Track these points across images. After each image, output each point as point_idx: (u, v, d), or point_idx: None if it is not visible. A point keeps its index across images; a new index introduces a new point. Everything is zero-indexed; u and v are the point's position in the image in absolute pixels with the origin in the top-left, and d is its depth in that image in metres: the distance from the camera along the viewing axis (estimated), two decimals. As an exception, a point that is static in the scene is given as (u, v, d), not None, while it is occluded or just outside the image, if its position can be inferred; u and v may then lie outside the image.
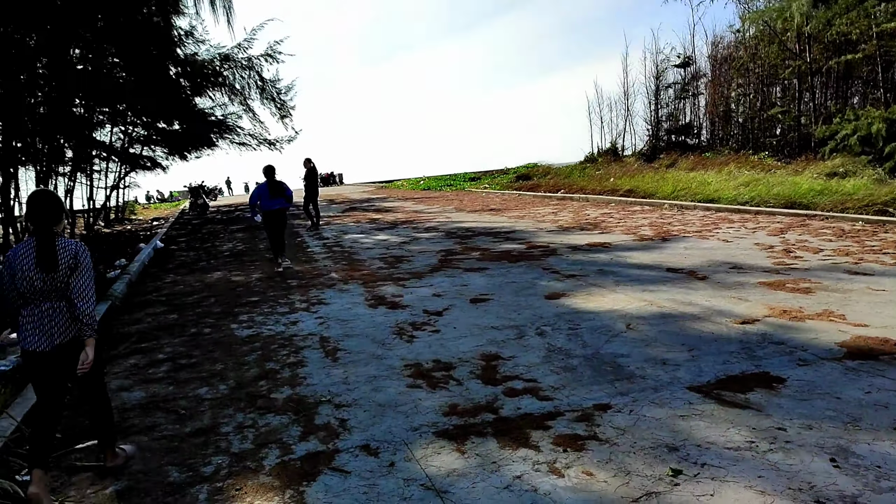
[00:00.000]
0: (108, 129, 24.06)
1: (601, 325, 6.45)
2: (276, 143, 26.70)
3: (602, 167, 27.19)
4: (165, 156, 26.94)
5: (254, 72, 23.64)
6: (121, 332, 7.90)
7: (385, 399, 4.94)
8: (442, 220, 18.16)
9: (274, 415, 4.82)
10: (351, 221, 19.95)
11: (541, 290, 8.21)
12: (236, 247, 15.72)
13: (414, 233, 15.39)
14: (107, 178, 26.31)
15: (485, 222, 16.55)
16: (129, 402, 5.41)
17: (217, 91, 23.69)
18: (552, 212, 18.15)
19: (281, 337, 7.02)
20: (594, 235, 12.59)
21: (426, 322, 7.10)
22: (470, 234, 14.32)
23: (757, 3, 23.67)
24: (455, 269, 10.10)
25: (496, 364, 5.53)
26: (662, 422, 4.17)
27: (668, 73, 29.65)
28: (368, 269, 10.80)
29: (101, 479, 4.05)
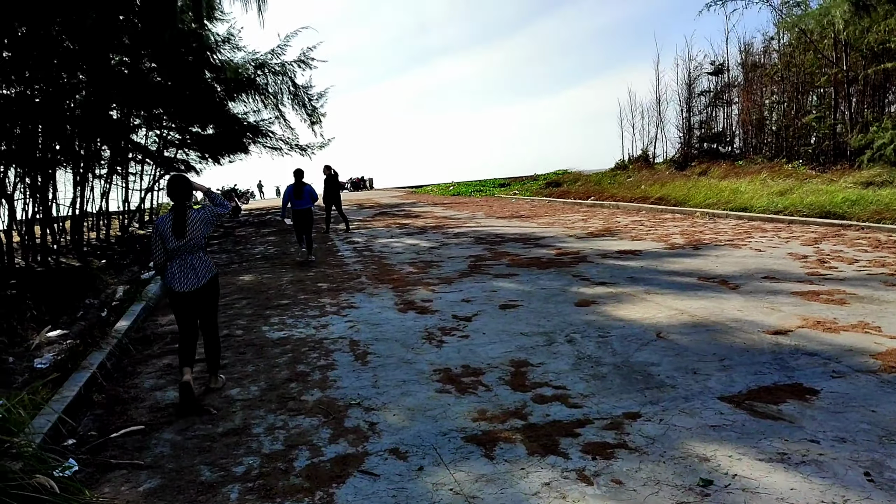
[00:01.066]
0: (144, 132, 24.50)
1: (631, 334, 6.41)
2: (308, 148, 26.96)
3: (633, 174, 27.02)
4: (199, 159, 27.35)
5: (287, 77, 23.88)
6: (155, 332, 8.03)
7: (414, 403, 4.97)
8: (471, 225, 18.18)
9: (304, 417, 4.87)
10: (381, 226, 20.05)
11: (570, 296, 8.19)
12: (268, 250, 15.88)
13: (443, 238, 15.43)
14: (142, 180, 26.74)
15: (514, 228, 16.54)
16: (162, 401, 5.50)
17: (250, 96, 23.97)
18: (582, 219, 18.08)
19: (311, 340, 7.08)
20: (625, 243, 12.52)
21: (455, 327, 7.12)
22: (499, 239, 14.32)
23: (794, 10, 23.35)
24: (484, 274, 10.11)
25: (525, 370, 5.53)
26: (693, 431, 4.14)
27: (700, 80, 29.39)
28: (398, 273, 10.86)
29: (136, 476, 4.12)
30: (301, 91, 24.34)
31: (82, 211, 19.03)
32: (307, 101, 24.63)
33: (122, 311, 8.85)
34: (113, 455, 4.44)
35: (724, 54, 30.09)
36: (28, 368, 6.99)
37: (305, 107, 24.68)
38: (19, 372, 6.93)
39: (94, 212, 21.87)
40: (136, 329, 8.16)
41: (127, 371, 6.47)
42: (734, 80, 28.70)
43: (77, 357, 6.44)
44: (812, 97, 25.03)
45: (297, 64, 23.72)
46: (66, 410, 5.10)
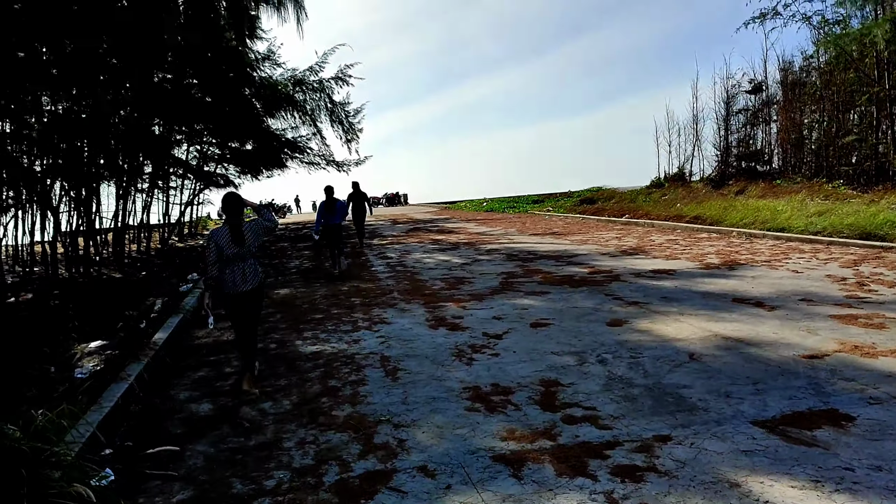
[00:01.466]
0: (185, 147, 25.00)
1: (664, 355, 6.37)
2: (344, 164, 27.26)
3: (668, 192, 26.81)
4: (238, 174, 27.79)
5: (324, 94, 24.24)
6: (191, 345, 8.18)
7: (443, 421, 4.99)
8: (504, 242, 18.20)
9: (334, 432, 4.92)
10: (414, 241, 20.16)
11: (603, 316, 8.16)
12: (303, 264, 16.07)
13: (476, 254, 15.47)
14: (181, 194, 27.27)
15: (547, 245, 16.51)
16: (197, 413, 5.61)
17: (289, 113, 24.35)
18: (616, 237, 17.99)
19: (343, 355, 7.15)
20: (659, 262, 12.42)
21: (485, 345, 7.13)
22: (532, 257, 14.31)
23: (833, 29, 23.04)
24: (516, 292, 10.11)
25: (555, 390, 5.53)
26: (724, 456, 4.10)
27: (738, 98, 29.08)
28: (430, 289, 10.91)
29: (169, 487, 4.21)
30: (338, 108, 24.68)
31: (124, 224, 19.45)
32: (344, 117, 24.95)
33: (160, 323, 9.03)
34: (148, 466, 4.54)
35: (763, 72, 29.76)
36: (69, 378, 7.16)
37: (342, 123, 24.99)
38: (60, 381, 7.10)
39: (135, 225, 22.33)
40: (173, 341, 8.31)
41: (164, 383, 6.60)
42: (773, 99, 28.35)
43: (116, 368, 6.59)
44: (853, 116, 24.62)
45: (334, 81, 24.07)
46: (104, 420, 5.23)
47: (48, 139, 14.56)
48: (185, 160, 24.85)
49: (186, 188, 27.46)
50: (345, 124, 25.15)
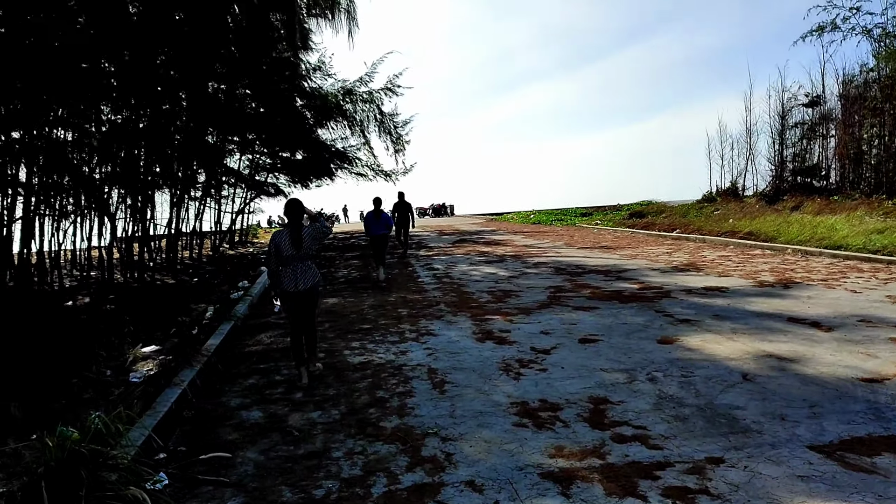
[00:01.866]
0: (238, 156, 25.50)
1: (716, 374, 6.24)
2: (392, 174, 27.48)
3: (720, 207, 26.34)
4: (288, 183, 28.20)
5: (373, 105, 24.50)
6: (242, 352, 8.31)
7: (491, 436, 4.97)
8: (552, 255, 18.09)
9: (382, 443, 4.95)
10: (460, 253, 20.18)
11: (653, 333, 8.04)
12: (351, 273, 16.21)
13: (523, 267, 15.40)
14: (233, 202, 27.78)
15: (596, 259, 16.36)
16: (247, 420, 5.69)
17: (339, 123, 24.67)
18: (666, 252, 17.73)
19: (391, 366, 7.19)
20: (711, 278, 12.20)
21: (533, 360, 7.09)
22: (580, 271, 14.19)
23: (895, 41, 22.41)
24: (564, 306, 10.03)
25: (604, 408, 5.46)
26: (779, 481, 4.00)
27: (794, 112, 28.48)
28: (477, 301, 10.90)
29: (221, 493, 4.27)
30: (387, 119, 24.92)
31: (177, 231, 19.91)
32: (392, 128, 25.18)
33: (211, 329, 9.20)
34: (200, 471, 4.62)
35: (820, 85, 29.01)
36: (123, 382, 7.34)
37: (391, 134, 25.22)
38: (115, 385, 7.28)
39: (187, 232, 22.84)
40: (224, 348, 8.46)
41: (215, 389, 6.72)
42: (830, 112, 27.69)
43: (169, 373, 6.73)
44: (915, 131, 23.88)
45: (383, 92, 24.32)
46: (158, 425, 5.35)
47: (107, 148, 15.00)
48: (238, 169, 25.35)
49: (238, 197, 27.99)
50: (393, 135, 25.38)
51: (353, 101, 23.94)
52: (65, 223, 15.62)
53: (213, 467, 4.67)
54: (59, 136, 14.13)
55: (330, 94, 23.19)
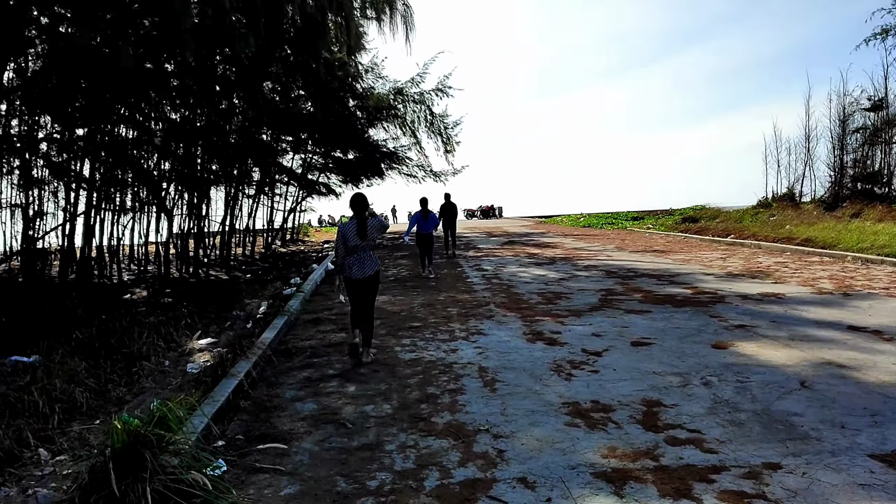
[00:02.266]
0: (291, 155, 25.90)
1: (773, 381, 6.12)
2: (441, 174, 27.61)
3: (777, 213, 25.76)
4: (339, 183, 28.54)
5: (424, 106, 24.67)
6: (296, 346, 8.46)
7: (542, 434, 4.97)
8: (602, 258, 17.93)
9: (434, 438, 4.98)
10: (509, 255, 20.14)
11: (707, 338, 7.92)
12: (400, 272, 16.33)
13: (573, 270, 15.31)
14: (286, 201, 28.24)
15: (648, 263, 16.16)
16: (302, 412, 5.79)
17: (390, 123, 24.90)
18: (720, 257, 17.42)
19: (441, 363, 7.23)
20: (766, 285, 11.95)
21: (585, 361, 7.05)
22: (632, 274, 14.04)
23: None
24: (616, 309, 9.94)
25: (657, 411, 5.41)
26: (839, 488, 3.91)
27: (855, 116, 27.63)
28: (527, 303, 10.87)
29: (277, 481, 4.36)
30: (437, 119, 25.05)
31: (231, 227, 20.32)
32: (443, 129, 25.30)
33: (266, 323, 9.37)
34: (257, 460, 4.72)
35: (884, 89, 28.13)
36: (181, 372, 7.53)
37: (441, 135, 25.34)
38: (174, 375, 7.48)
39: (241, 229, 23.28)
40: (278, 342, 8.62)
41: (270, 381, 6.85)
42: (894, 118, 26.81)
43: (226, 364, 6.89)
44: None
45: (434, 93, 24.44)
46: (217, 414, 5.48)
47: (167, 145, 15.41)
48: (290, 168, 25.75)
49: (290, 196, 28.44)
50: (443, 135, 25.51)
51: (404, 102, 24.14)
52: (124, 218, 16.08)
53: (269, 456, 4.78)
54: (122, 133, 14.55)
55: (381, 94, 23.42)
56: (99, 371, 7.27)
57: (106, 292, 13.18)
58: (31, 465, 5.00)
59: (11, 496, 4.35)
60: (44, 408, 5.87)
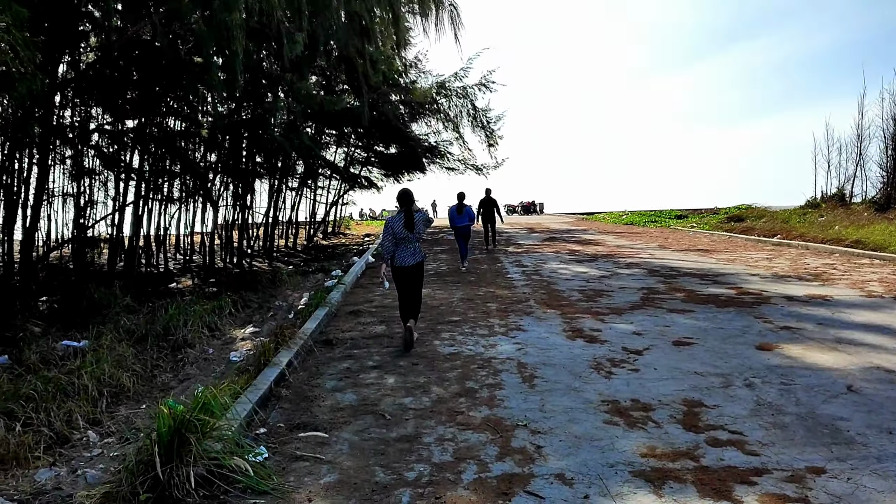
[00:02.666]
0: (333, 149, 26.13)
1: (818, 384, 6.00)
2: (483, 168, 27.56)
3: (826, 213, 25.16)
4: (381, 177, 28.69)
5: (467, 100, 24.64)
6: (337, 337, 8.55)
7: (581, 431, 4.95)
8: (644, 256, 17.74)
9: (472, 432, 5.00)
10: (550, 251, 20.05)
11: (751, 339, 7.79)
12: (440, 267, 16.36)
13: (615, 268, 15.17)
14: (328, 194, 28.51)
15: (691, 263, 15.94)
16: (341, 402, 5.86)
17: (432, 118, 24.94)
18: (766, 257, 17.10)
19: (480, 358, 7.24)
20: (814, 287, 11.69)
21: (625, 360, 7.00)
22: (674, 273, 13.86)
23: None
24: (657, 308, 9.83)
25: (698, 411, 5.34)
26: (885, 495, 3.82)
27: (911, 115, 26.79)
28: (567, 300, 10.82)
29: (317, 469, 4.43)
30: (480, 114, 24.99)
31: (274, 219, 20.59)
32: (486, 123, 25.24)
33: (307, 314, 9.49)
34: (298, 448, 4.80)
35: (941, 88, 27.34)
36: (225, 360, 7.69)
37: (484, 129, 25.29)
38: (217, 362, 7.64)
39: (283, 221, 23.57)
40: (319, 332, 8.73)
41: (311, 371, 6.95)
42: (951, 117, 25.94)
43: (268, 354, 7.00)
44: None
45: (477, 87, 24.40)
46: (259, 401, 5.58)
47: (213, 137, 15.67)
48: (333, 162, 25.97)
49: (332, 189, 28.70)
50: (486, 130, 25.45)
51: (448, 96, 24.14)
52: (171, 208, 16.41)
53: (309, 444, 4.85)
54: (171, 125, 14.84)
55: (425, 89, 23.46)
56: (145, 357, 7.46)
57: (152, 280, 13.48)
58: (81, 446, 5.16)
59: (62, 476, 4.49)
60: (93, 391, 6.05)
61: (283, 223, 23.99)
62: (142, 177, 13.73)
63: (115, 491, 4.03)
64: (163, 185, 15.28)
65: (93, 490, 4.12)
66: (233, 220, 18.29)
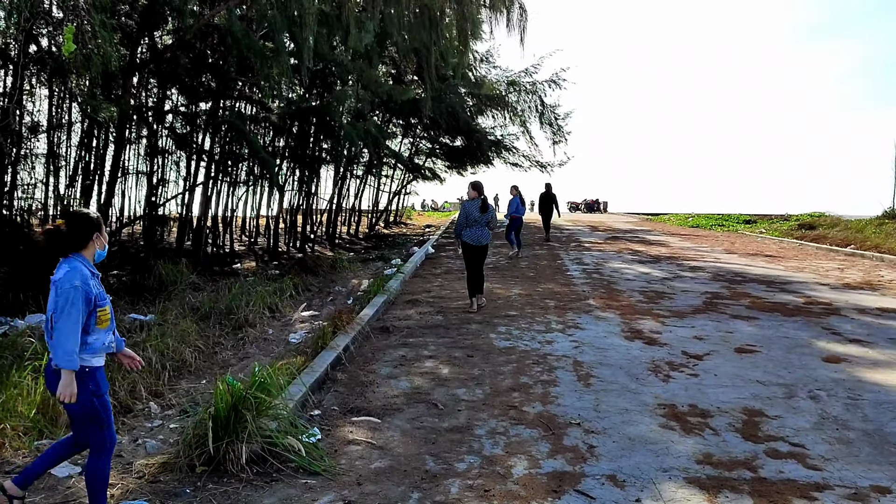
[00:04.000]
0: (399, 139, 26.29)
1: (888, 400, 5.75)
2: (548, 165, 27.34)
3: (904, 225, 24.12)
4: (445, 169, 28.75)
5: (536, 96, 24.44)
6: (394, 325, 8.61)
7: (636, 433, 4.87)
8: (709, 260, 17.32)
9: (525, 427, 4.97)
10: (612, 250, 19.77)
11: (817, 350, 7.52)
12: (499, 261, 16.31)
13: (678, 270, 14.86)
14: (391, 183, 28.73)
15: (758, 269, 15.49)
16: (395, 389, 5.91)
17: (499, 112, 24.83)
18: (838, 267, 16.49)
19: (536, 354, 7.19)
20: (888, 300, 11.22)
21: (684, 364, 6.85)
22: (740, 279, 13.50)
23: None
24: (721, 313, 9.59)
25: (759, 421, 5.19)
26: (957, 522, 3.65)
27: None
28: (627, 300, 10.65)
29: (369, 454, 4.47)
30: (548, 110, 24.78)
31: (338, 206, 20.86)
32: (553, 119, 25.01)
33: (366, 301, 9.60)
34: (350, 431, 4.85)
35: None
36: (284, 341, 7.83)
37: (551, 125, 25.07)
38: (276, 343, 7.78)
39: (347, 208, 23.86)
40: (376, 319, 8.81)
41: (367, 356, 7.02)
42: None
43: (326, 337, 7.10)
44: None
45: (547, 84, 24.19)
46: (315, 384, 5.66)
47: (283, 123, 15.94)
48: (398, 152, 26.16)
49: (395, 178, 28.92)
50: (553, 126, 25.22)
51: (517, 92, 24.01)
52: (239, 191, 16.79)
53: (362, 429, 4.90)
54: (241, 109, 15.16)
55: (493, 83, 23.38)
56: (208, 334, 7.66)
57: (218, 260, 13.83)
58: (143, 416, 5.33)
59: (123, 444, 4.64)
60: (156, 364, 6.24)
61: (347, 210, 24.29)
62: (212, 158, 14.08)
63: (172, 462, 4.15)
64: (232, 168, 15.64)
65: (152, 459, 4.25)
66: (297, 205, 18.61)
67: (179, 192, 14.21)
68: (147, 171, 13.58)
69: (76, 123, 12.12)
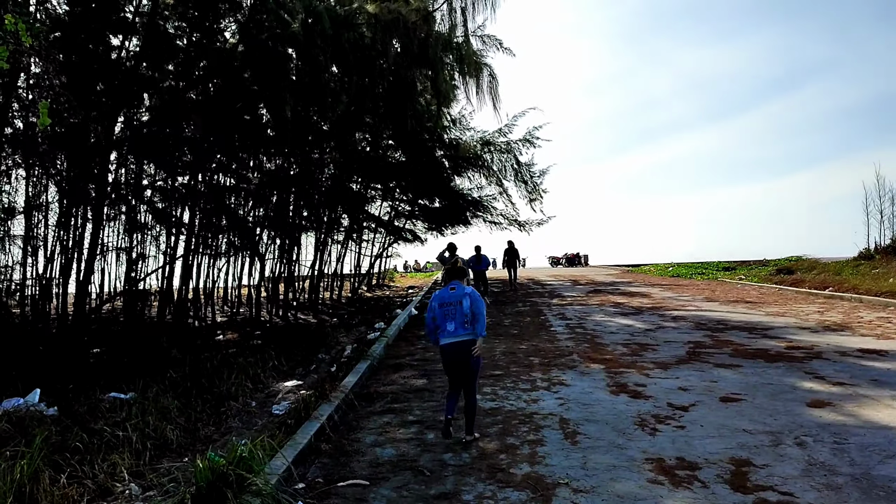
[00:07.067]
0: (378, 203, 26.52)
1: (874, 443, 5.76)
2: (526, 224, 27.54)
3: (880, 266, 24.45)
4: (425, 230, 28.89)
5: (511, 155, 24.78)
6: (377, 391, 8.55)
7: (624, 490, 4.83)
8: (691, 309, 17.42)
9: (512, 489, 4.92)
10: (594, 303, 19.83)
11: (801, 395, 7.54)
12: (482, 320, 16.26)
13: (660, 320, 14.92)
14: (373, 247, 28.83)
15: (739, 315, 15.59)
16: (381, 457, 5.84)
17: (475, 172, 25.14)
18: (818, 310, 16.64)
19: (522, 413, 7.15)
20: (868, 341, 11.31)
21: (670, 416, 6.83)
22: (722, 326, 13.57)
23: None
24: (704, 363, 9.62)
25: (747, 471, 5.17)
26: (949, 565, 3.63)
27: (967, 164, 26.15)
28: (611, 353, 10.66)
29: (354, 526, 4.40)
30: (523, 168, 25.09)
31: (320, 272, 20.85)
32: (529, 178, 25.30)
33: (349, 368, 9.53)
34: (336, 503, 4.77)
35: None
36: (267, 413, 7.73)
37: (527, 183, 25.35)
38: (259, 415, 7.68)
39: (329, 273, 23.85)
40: (360, 386, 8.74)
41: (351, 425, 6.94)
42: None
43: (309, 407, 7.02)
44: None
45: (521, 143, 24.58)
46: (298, 456, 5.58)
47: (261, 192, 16.07)
48: (378, 215, 26.32)
49: (377, 241, 29.02)
50: (529, 184, 25.49)
51: (491, 152, 24.36)
52: (219, 262, 16.76)
53: (348, 500, 4.82)
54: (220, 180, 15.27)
55: (468, 144, 23.74)
56: (189, 409, 7.55)
57: (199, 333, 13.71)
58: (123, 499, 5.21)
59: (104, 528, 4.53)
60: (137, 444, 6.13)
61: (329, 276, 24.25)
62: (192, 231, 14.10)
63: (154, 545, 4.05)
64: (211, 239, 15.65)
65: (133, 544, 4.15)
66: (279, 272, 18.58)
67: (159, 266, 14.17)
68: (126, 246, 13.56)
69: (53, 203, 12.15)
